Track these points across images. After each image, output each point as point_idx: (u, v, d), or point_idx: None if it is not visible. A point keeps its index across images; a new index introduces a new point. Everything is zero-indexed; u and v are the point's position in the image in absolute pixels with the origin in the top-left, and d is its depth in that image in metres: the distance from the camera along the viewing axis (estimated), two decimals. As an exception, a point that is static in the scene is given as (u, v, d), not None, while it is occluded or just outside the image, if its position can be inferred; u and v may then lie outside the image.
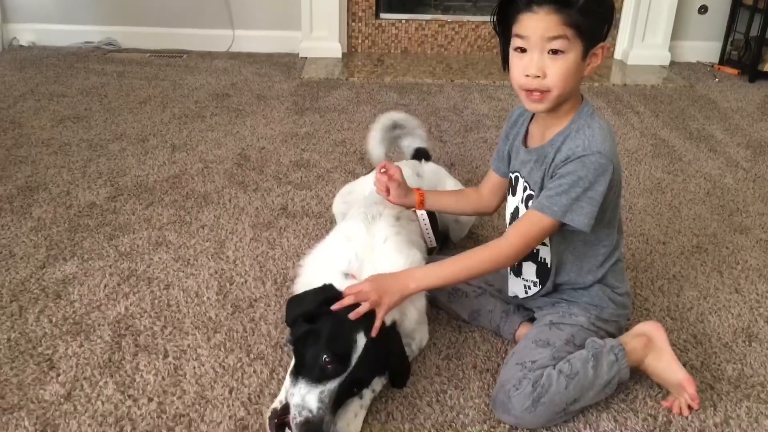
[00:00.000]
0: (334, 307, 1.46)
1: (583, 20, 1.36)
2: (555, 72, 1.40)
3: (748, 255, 2.18)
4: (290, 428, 1.35)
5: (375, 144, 2.29)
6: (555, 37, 1.38)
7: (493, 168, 1.78)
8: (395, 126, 2.34)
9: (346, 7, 4.27)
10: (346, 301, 1.46)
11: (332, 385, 1.37)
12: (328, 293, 1.50)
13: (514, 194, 1.65)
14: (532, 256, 1.62)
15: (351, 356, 1.39)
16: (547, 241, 1.57)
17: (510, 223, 1.68)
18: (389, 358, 1.50)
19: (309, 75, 3.92)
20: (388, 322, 1.49)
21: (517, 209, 1.64)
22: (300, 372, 1.40)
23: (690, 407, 1.51)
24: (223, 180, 2.59)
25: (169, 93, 3.56)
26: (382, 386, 1.55)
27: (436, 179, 2.11)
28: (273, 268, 2.02)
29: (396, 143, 2.40)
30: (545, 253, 1.61)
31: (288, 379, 1.43)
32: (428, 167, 2.16)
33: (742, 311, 1.90)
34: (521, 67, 1.43)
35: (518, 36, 1.42)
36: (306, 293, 1.54)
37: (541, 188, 1.51)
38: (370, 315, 1.45)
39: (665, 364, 1.54)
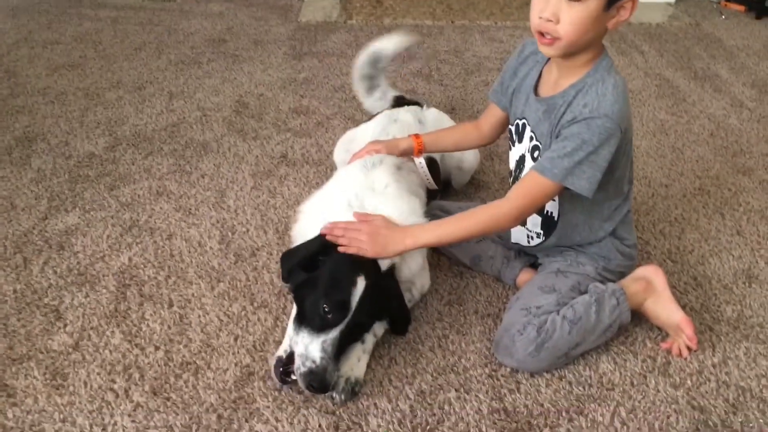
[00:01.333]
0: (327, 228, 1.49)
1: None
2: (568, 19, 1.33)
3: (750, 197, 2.17)
4: (295, 375, 1.38)
5: (356, 80, 2.34)
6: None
7: (494, 100, 1.72)
8: (377, 60, 2.32)
9: (343, -54, 4.15)
10: (338, 226, 1.49)
11: (334, 333, 1.38)
12: (323, 242, 1.50)
13: (520, 141, 1.62)
14: (540, 210, 1.61)
15: (350, 303, 1.40)
16: (555, 197, 1.55)
17: (514, 170, 1.66)
18: (388, 303, 1.51)
19: (306, 18, 3.84)
20: (385, 266, 1.50)
21: (522, 157, 1.61)
22: (302, 321, 1.41)
23: (689, 348, 1.54)
24: (221, 128, 2.56)
25: (164, 39, 3.49)
26: (384, 331, 1.57)
27: (438, 126, 2.09)
28: (274, 217, 2.02)
29: (380, 77, 2.38)
30: (552, 207, 1.59)
31: (290, 327, 1.45)
32: (430, 114, 2.14)
33: (743, 253, 1.90)
34: (538, 7, 1.36)
35: None
36: (299, 246, 1.55)
37: (549, 141, 1.48)
38: (367, 261, 1.46)
39: (663, 307, 1.56)
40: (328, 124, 2.60)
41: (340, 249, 1.47)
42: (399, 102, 2.27)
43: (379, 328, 1.55)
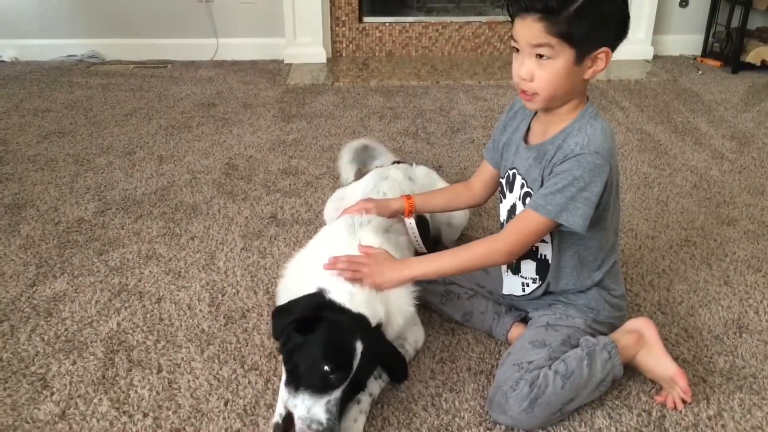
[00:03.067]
0: (330, 264, 1.52)
1: (572, 28, 1.35)
2: (541, 77, 1.42)
3: (735, 246, 2.20)
4: None
5: (344, 165, 2.38)
6: (539, 45, 1.39)
7: (487, 158, 1.77)
8: (365, 148, 2.42)
9: (329, 11, 4.27)
10: (342, 260, 1.53)
11: (336, 393, 1.37)
12: (319, 299, 1.49)
13: (511, 191, 1.64)
14: (531, 254, 1.62)
15: (353, 363, 1.39)
16: (547, 238, 1.58)
17: (506, 221, 1.68)
18: (382, 355, 1.50)
19: (294, 81, 3.92)
20: (373, 322, 1.49)
21: (514, 206, 1.64)
22: (299, 383, 1.39)
23: (683, 401, 1.52)
24: (211, 190, 2.58)
25: (154, 104, 3.55)
26: (380, 390, 1.55)
27: (428, 183, 2.12)
28: (264, 278, 2.02)
29: (366, 165, 2.44)
30: (546, 249, 1.61)
31: (283, 389, 1.43)
32: (419, 170, 2.17)
33: (732, 303, 1.91)
34: (515, 67, 1.46)
35: (512, 38, 1.44)
36: (293, 302, 1.52)
37: (540, 186, 1.51)
38: (360, 319, 1.45)
39: (656, 359, 1.55)
40: (317, 184, 2.63)
41: (346, 278, 1.50)
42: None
43: (375, 387, 1.54)
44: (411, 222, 1.84)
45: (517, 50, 1.44)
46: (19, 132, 3.15)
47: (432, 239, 2.06)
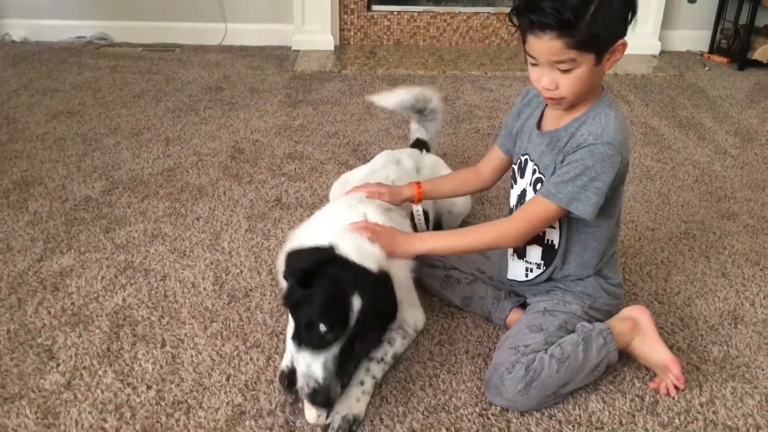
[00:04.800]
0: (350, 226, 1.55)
1: (590, 35, 1.35)
2: (567, 84, 1.43)
3: (734, 240, 2.22)
4: (300, 394, 1.41)
5: (395, 101, 2.28)
6: (560, 61, 1.39)
7: (498, 144, 1.78)
8: (421, 110, 2.32)
9: (337, -1, 4.29)
10: (360, 224, 1.56)
11: (334, 350, 1.40)
12: (327, 254, 1.48)
13: (522, 176, 1.66)
14: (538, 239, 1.65)
15: (348, 321, 1.41)
16: (556, 224, 1.60)
17: (515, 206, 1.70)
18: (387, 312, 1.52)
19: (302, 68, 3.94)
20: (375, 269, 1.50)
21: (524, 192, 1.66)
22: (300, 339, 1.42)
23: (676, 387, 1.55)
24: (217, 172, 2.61)
25: (162, 87, 3.57)
26: (383, 372, 1.58)
27: (434, 172, 2.14)
28: (268, 259, 2.05)
29: (408, 116, 2.41)
30: (553, 235, 1.63)
31: (290, 342, 1.47)
32: (428, 159, 2.19)
33: (729, 295, 1.94)
34: (535, 77, 1.46)
35: (528, 54, 1.44)
36: (307, 249, 1.52)
37: (552, 173, 1.53)
38: (363, 275, 1.46)
39: (651, 346, 1.58)
40: (322, 169, 2.65)
41: (371, 239, 1.53)
42: (418, 145, 2.30)
43: (378, 370, 1.56)
44: (419, 209, 1.87)
45: (534, 63, 1.45)
46: (29, 111, 3.18)
47: (432, 226, 2.09)
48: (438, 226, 2.16)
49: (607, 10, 1.36)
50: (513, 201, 1.72)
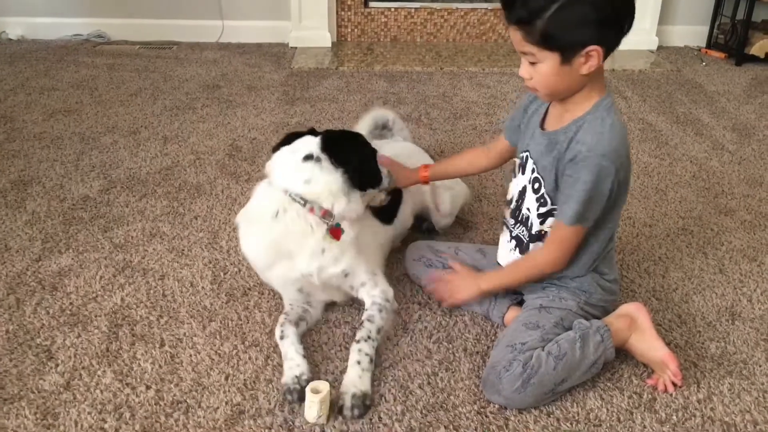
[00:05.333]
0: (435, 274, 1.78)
1: (548, 35, 1.39)
2: (536, 77, 1.49)
3: (732, 236, 2.22)
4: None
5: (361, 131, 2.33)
6: (523, 52, 1.47)
7: (506, 137, 1.81)
8: (384, 126, 2.42)
9: (334, -4, 4.28)
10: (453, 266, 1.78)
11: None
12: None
13: (523, 173, 1.68)
14: (540, 238, 1.66)
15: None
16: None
17: (517, 200, 1.71)
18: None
19: (299, 65, 3.93)
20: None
21: (524, 189, 1.67)
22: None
23: (674, 384, 1.56)
24: (215, 171, 2.61)
25: (159, 85, 3.57)
26: (375, 350, 1.61)
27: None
28: (266, 257, 2.05)
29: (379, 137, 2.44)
30: None
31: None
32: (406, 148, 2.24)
33: (726, 291, 1.94)
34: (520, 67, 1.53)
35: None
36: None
37: (555, 176, 1.55)
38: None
39: (648, 343, 1.59)
40: (320, 167, 2.64)
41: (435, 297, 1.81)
42: None
43: (368, 347, 1.59)
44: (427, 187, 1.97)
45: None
46: (26, 110, 3.18)
47: (416, 217, 2.12)
48: (423, 218, 2.16)
49: (569, 14, 1.38)
50: (514, 194, 1.73)
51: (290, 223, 1.62)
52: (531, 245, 1.69)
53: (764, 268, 2.05)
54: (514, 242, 1.73)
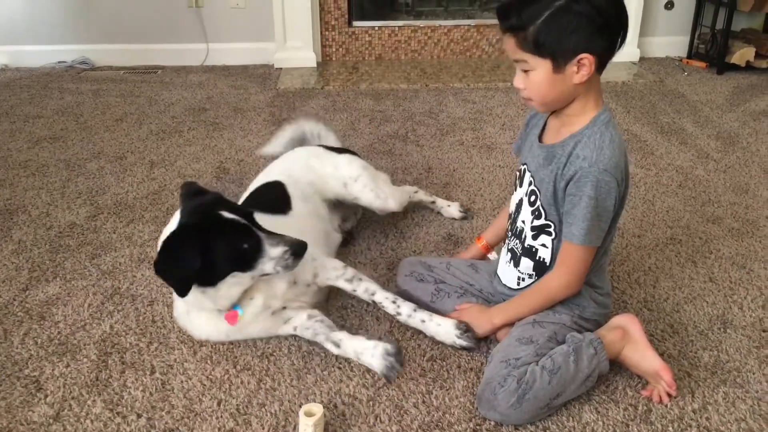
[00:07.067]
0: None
1: (540, 42, 1.41)
2: (528, 86, 1.50)
3: (720, 244, 2.23)
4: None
5: (279, 143, 2.49)
6: (516, 60, 1.48)
7: (520, 161, 1.78)
8: (303, 139, 2.48)
9: (318, 16, 4.30)
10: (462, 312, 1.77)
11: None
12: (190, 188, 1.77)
13: (521, 186, 1.69)
14: (531, 254, 1.66)
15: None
16: (548, 243, 1.62)
17: (514, 212, 1.71)
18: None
19: (285, 85, 3.94)
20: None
21: (521, 201, 1.68)
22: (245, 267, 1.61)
23: (669, 395, 1.55)
24: (203, 194, 2.59)
25: (145, 109, 3.56)
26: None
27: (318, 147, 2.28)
28: (256, 280, 2.03)
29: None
30: (545, 254, 1.64)
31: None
32: (301, 151, 2.30)
33: (717, 299, 1.94)
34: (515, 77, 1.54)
35: None
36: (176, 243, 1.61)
37: (553, 188, 1.55)
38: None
39: (641, 354, 1.58)
40: (308, 187, 2.64)
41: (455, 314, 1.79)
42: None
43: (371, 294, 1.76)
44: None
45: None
46: (10, 138, 3.16)
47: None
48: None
49: (561, 21, 1.40)
50: (512, 207, 1.74)
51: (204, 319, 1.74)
52: (522, 259, 1.68)
53: (753, 275, 2.06)
54: (509, 255, 1.74)
